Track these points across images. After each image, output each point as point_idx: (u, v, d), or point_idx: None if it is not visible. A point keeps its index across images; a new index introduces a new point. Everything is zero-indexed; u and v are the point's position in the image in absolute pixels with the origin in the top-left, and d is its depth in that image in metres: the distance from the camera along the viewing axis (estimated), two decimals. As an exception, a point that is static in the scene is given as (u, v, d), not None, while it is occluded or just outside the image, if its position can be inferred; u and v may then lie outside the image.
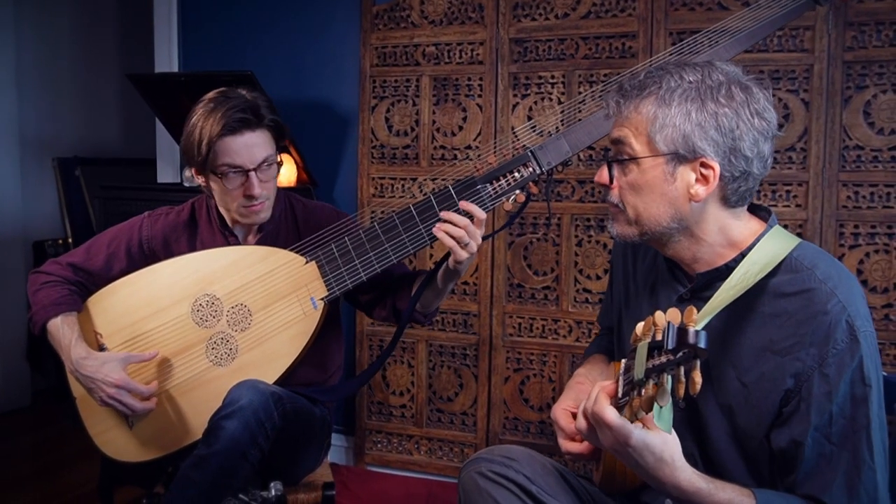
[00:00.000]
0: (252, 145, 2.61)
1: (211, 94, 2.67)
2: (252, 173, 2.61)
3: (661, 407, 1.53)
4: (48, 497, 4.17)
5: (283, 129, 2.72)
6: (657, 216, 1.88)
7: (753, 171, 1.84)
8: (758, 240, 1.89)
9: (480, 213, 2.44)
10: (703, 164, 1.82)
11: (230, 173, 2.61)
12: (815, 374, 1.75)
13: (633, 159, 1.87)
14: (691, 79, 1.83)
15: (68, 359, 2.61)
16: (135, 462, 2.68)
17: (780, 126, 3.61)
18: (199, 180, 2.73)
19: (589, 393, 1.72)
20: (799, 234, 3.63)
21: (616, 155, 1.92)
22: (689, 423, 1.92)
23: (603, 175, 1.95)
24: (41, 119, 6.08)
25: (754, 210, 2.01)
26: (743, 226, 1.92)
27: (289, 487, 2.68)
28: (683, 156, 1.82)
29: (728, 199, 1.87)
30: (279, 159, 2.74)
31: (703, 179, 1.84)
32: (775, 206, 3.68)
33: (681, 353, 1.45)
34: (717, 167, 1.82)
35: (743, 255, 1.88)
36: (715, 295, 1.78)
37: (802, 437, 1.76)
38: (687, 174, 1.84)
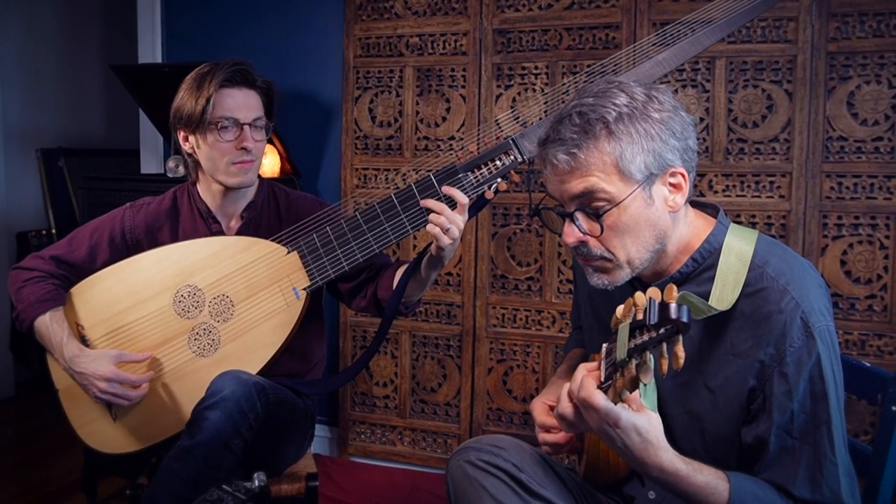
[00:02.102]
0: (248, 99, 2.71)
1: (201, 66, 2.75)
2: (246, 127, 2.67)
3: (645, 385, 1.53)
4: (31, 488, 4.16)
5: (273, 93, 2.77)
6: (645, 246, 1.85)
7: (695, 162, 1.88)
8: (711, 240, 1.91)
9: (462, 198, 2.42)
10: (672, 174, 1.83)
11: (226, 125, 2.66)
12: (774, 374, 1.76)
13: (615, 205, 1.81)
14: (623, 101, 1.81)
15: (61, 357, 2.61)
16: (118, 453, 2.68)
17: (764, 117, 3.64)
18: (187, 146, 2.75)
19: (573, 377, 1.73)
20: (782, 226, 3.65)
21: (588, 207, 1.83)
22: None
23: (575, 233, 1.86)
24: (24, 110, 6.06)
25: (697, 206, 2.02)
26: (690, 224, 1.94)
27: (272, 478, 2.68)
28: (655, 174, 1.81)
29: (686, 199, 1.89)
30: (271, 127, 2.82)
31: (675, 188, 1.85)
32: (759, 197, 3.69)
33: (663, 329, 1.45)
34: (684, 170, 1.84)
35: (695, 260, 1.90)
36: (705, 305, 1.78)
37: (766, 434, 1.77)
38: (660, 190, 1.84)
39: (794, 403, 1.75)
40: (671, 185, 1.84)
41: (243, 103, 2.69)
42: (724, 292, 1.81)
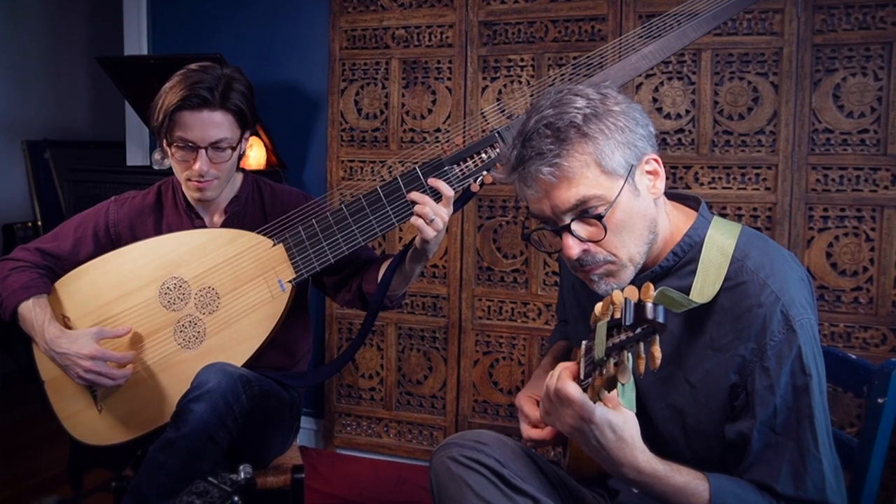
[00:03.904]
0: (208, 124, 2.61)
1: (192, 66, 2.68)
2: (202, 151, 2.61)
3: (623, 385, 1.53)
4: (17, 480, 4.16)
5: (247, 115, 2.71)
6: (642, 238, 1.84)
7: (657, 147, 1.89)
8: (692, 233, 1.91)
9: (448, 191, 2.42)
10: (647, 161, 1.84)
11: (181, 146, 2.62)
12: (756, 368, 1.76)
13: (611, 204, 1.79)
14: (582, 104, 1.80)
15: (42, 339, 2.60)
16: (104, 445, 2.67)
17: (750, 110, 3.65)
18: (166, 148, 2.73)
19: (552, 372, 1.73)
20: (768, 218, 3.66)
21: (587, 214, 1.80)
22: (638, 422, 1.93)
23: (575, 245, 1.83)
24: (10, 102, 6.04)
25: (679, 199, 2.03)
26: (668, 216, 1.94)
27: (258, 470, 2.67)
28: (634, 165, 1.81)
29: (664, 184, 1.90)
30: (244, 144, 2.78)
31: (653, 175, 1.86)
32: (744, 189, 3.70)
33: (639, 329, 1.44)
34: (656, 155, 1.85)
35: (675, 254, 1.91)
36: (684, 299, 1.78)
37: (749, 430, 1.77)
38: (642, 180, 1.84)
39: (776, 398, 1.74)
40: (648, 172, 1.85)
41: (201, 126, 2.61)
42: (705, 286, 1.81)
